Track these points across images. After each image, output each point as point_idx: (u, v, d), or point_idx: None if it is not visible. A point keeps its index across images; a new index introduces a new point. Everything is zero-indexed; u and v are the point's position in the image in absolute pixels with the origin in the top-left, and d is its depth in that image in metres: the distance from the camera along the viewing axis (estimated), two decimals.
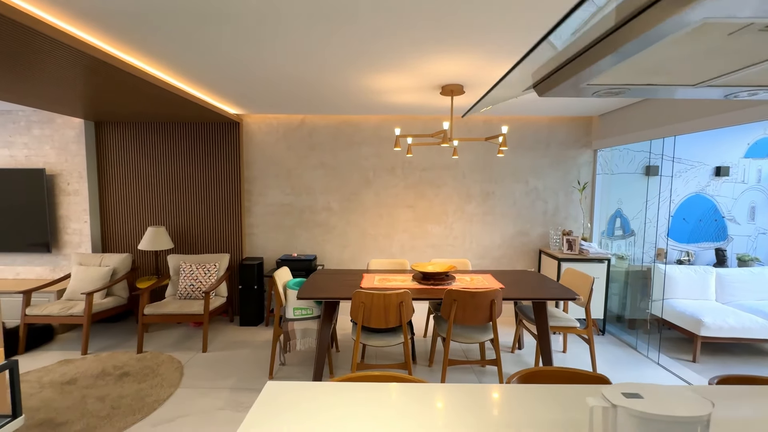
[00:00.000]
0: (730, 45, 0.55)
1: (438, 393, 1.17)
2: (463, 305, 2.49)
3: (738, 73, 0.63)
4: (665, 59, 0.60)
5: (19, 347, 3.15)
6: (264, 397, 1.14)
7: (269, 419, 1.03)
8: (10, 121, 3.83)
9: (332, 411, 1.06)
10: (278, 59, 2.29)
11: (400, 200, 4.09)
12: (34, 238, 3.82)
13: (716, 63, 0.62)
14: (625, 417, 0.65)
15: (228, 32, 1.91)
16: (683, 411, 0.66)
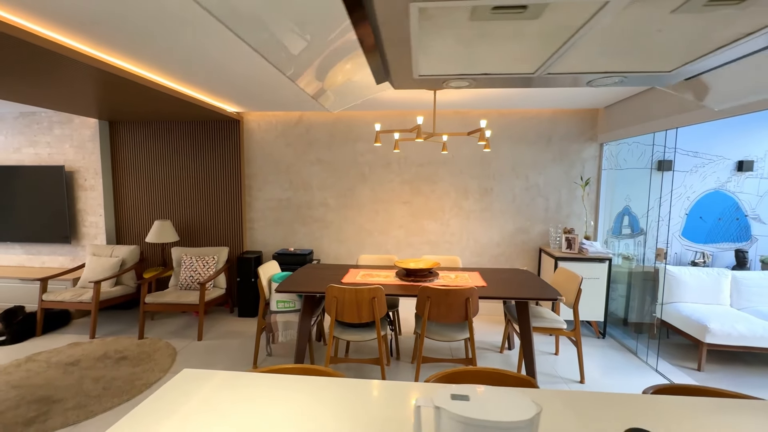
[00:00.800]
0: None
1: (335, 387, 1.17)
2: (437, 303, 2.46)
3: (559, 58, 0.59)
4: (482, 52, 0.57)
5: (36, 330, 3.44)
6: (174, 383, 1.19)
7: (167, 404, 1.07)
8: (34, 122, 4.16)
9: (233, 399, 1.09)
10: (262, 61, 2.34)
11: (396, 196, 4.07)
12: (56, 230, 4.14)
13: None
14: (447, 419, 0.63)
15: (218, 41, 1.99)
16: (501, 416, 0.63)
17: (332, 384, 1.19)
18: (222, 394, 1.13)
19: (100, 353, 3.08)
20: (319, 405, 1.08)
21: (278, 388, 1.17)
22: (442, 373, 1.27)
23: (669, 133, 3.56)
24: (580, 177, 3.86)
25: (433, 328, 2.63)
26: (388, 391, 1.15)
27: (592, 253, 3.43)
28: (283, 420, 1.00)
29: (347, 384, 1.19)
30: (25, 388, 2.57)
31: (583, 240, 3.60)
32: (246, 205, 4.22)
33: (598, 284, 3.43)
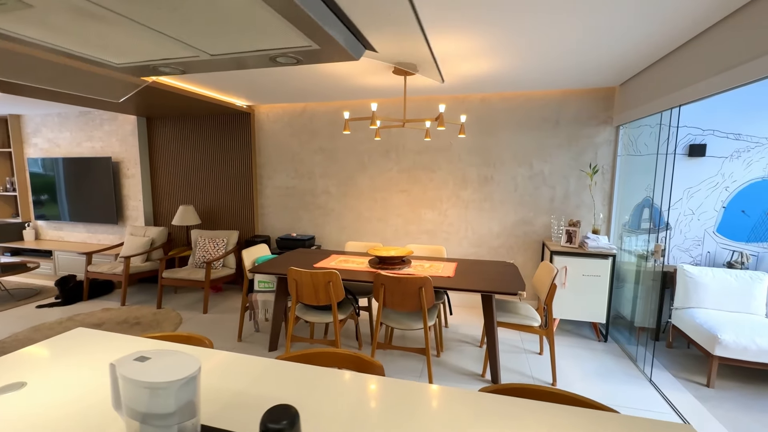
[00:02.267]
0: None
1: (202, 355, 1.27)
2: (391, 290, 2.46)
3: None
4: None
5: (83, 295, 4.10)
6: (65, 337, 1.39)
7: (50, 354, 1.27)
8: (90, 120, 4.87)
9: (104, 358, 1.26)
10: None
11: (394, 184, 4.06)
12: (107, 212, 4.84)
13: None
14: (118, 376, 0.69)
15: None
16: (154, 376, 0.67)
17: (198, 352, 1.31)
18: (86, 351, 1.31)
19: (122, 318, 3.58)
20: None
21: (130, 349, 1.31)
22: (298, 353, 1.32)
23: (701, 110, 3.09)
24: (588, 164, 3.50)
25: (392, 316, 2.64)
26: (239, 364, 1.24)
27: (592, 248, 3.12)
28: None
29: (208, 353, 1.30)
30: None
31: (589, 234, 3.28)
32: (257, 192, 4.53)
33: (600, 282, 3.12)
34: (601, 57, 2.54)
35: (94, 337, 1.42)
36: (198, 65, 0.73)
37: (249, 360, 1.26)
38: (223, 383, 1.13)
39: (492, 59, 2.59)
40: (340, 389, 1.10)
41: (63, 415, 0.95)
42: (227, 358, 1.28)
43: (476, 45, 2.31)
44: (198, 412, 0.73)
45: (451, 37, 2.17)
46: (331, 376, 1.16)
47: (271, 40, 0.59)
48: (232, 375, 1.17)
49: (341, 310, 2.75)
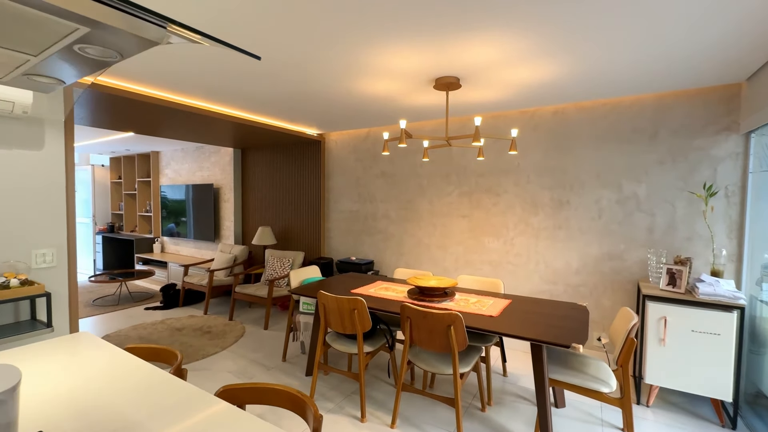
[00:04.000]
0: None
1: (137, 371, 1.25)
2: (417, 325, 2.19)
3: None
4: None
5: (179, 302, 4.73)
6: (67, 338, 1.53)
7: (46, 348, 1.41)
8: (201, 153, 5.79)
9: (88, 368, 1.34)
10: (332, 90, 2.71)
11: (454, 209, 3.76)
12: (208, 231, 5.60)
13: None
14: None
15: (298, 85, 2.48)
16: None
17: (148, 368, 1.30)
18: (77, 357, 1.40)
19: (199, 326, 3.99)
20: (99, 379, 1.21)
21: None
22: (241, 386, 1.20)
23: None
24: (703, 185, 2.68)
25: (422, 355, 2.33)
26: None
27: (705, 295, 2.32)
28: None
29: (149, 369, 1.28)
30: (144, 339, 3.60)
31: (704, 276, 2.47)
32: (324, 215, 4.70)
33: (720, 343, 2.28)
34: (720, 42, 1.94)
35: (94, 343, 1.53)
36: (48, 69, 0.72)
37: (181, 389, 1.19)
38: (123, 409, 1.07)
39: (552, 63, 2.21)
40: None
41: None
42: (163, 383, 1.23)
43: (529, 46, 2.00)
44: (13, 428, 0.66)
45: (496, 40, 1.92)
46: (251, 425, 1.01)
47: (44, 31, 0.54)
48: (145, 402, 1.11)
49: (372, 341, 2.55)
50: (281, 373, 2.96)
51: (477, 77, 2.47)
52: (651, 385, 2.51)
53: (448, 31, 1.81)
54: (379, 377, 2.89)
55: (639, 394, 2.57)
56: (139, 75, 2.52)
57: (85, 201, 7.03)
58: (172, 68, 2.38)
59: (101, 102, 2.98)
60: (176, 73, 2.46)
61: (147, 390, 1.14)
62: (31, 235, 2.30)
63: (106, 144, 5.70)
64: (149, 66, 2.35)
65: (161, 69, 2.40)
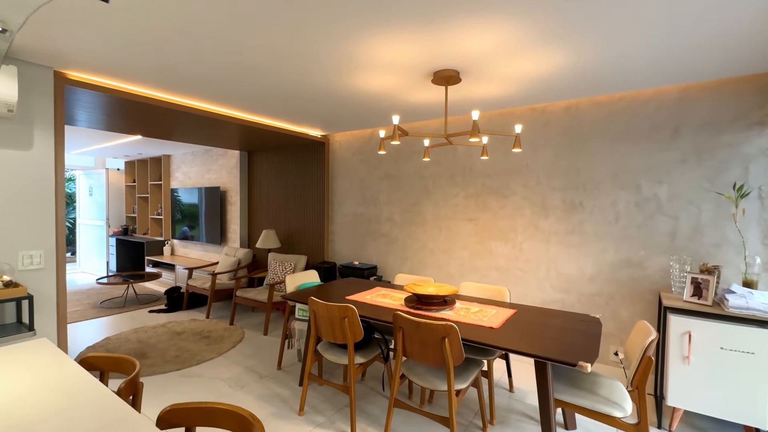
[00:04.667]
0: None
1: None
2: (410, 336, 2.03)
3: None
4: None
5: (183, 305, 4.70)
6: (24, 345, 1.44)
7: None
8: (209, 156, 5.79)
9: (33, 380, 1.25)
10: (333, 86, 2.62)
11: (460, 212, 3.58)
12: (215, 234, 5.58)
13: None
14: None
15: (298, 84, 2.40)
16: None
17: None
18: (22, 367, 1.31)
19: (198, 330, 3.93)
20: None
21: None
22: (186, 405, 1.07)
23: None
24: (733, 186, 2.42)
25: (416, 369, 2.16)
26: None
27: (737, 308, 2.06)
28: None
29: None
30: (142, 343, 3.56)
31: (735, 287, 2.21)
32: (328, 218, 4.59)
33: (754, 363, 2.02)
34: (752, 23, 1.72)
35: (48, 352, 1.44)
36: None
37: (117, 408, 1.07)
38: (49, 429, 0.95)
39: (558, 53, 2.03)
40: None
41: None
42: (100, 401, 1.11)
43: (532, 34, 1.83)
44: None
45: (494, 27, 1.76)
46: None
47: None
48: (73, 424, 0.99)
49: (365, 351, 2.40)
50: (274, 382, 2.84)
51: (478, 70, 2.30)
52: (674, 407, 2.26)
53: (441, 16, 1.66)
54: (377, 390, 2.73)
55: (660, 417, 2.32)
56: (138, 76, 2.47)
57: (100, 204, 7.17)
58: (168, 64, 2.32)
59: (107, 105, 2.96)
60: (172, 68, 2.39)
61: (76, 408, 1.03)
62: (17, 236, 2.26)
63: (119, 147, 5.78)
64: (148, 65, 2.29)
65: (158, 66, 2.34)
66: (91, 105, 3.01)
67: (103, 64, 2.30)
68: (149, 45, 2.01)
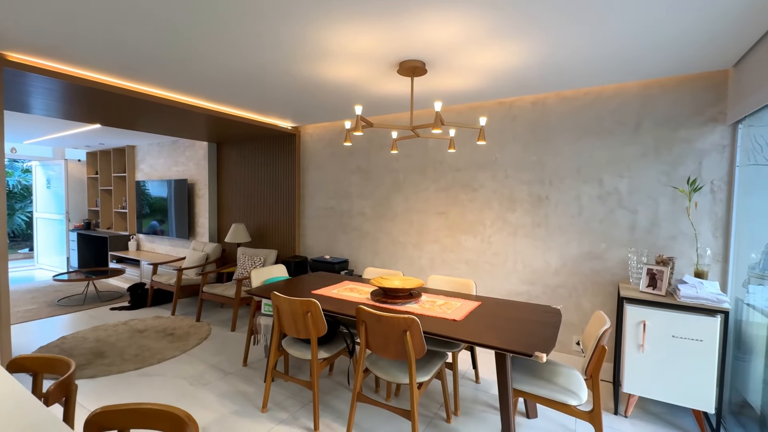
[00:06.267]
0: None
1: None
2: (372, 330, 2.00)
3: None
4: None
5: (147, 301, 4.52)
6: None
7: None
8: (177, 147, 5.57)
9: None
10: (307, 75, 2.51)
11: (431, 206, 3.58)
12: (183, 228, 5.39)
13: None
14: None
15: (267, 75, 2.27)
16: None
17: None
18: None
19: (163, 327, 3.79)
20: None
21: None
22: (115, 407, 1.01)
23: None
24: (686, 180, 2.51)
25: (380, 363, 2.14)
26: None
27: (686, 297, 2.14)
28: None
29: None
30: (101, 341, 3.40)
31: (687, 277, 2.29)
32: (300, 212, 4.50)
33: (703, 350, 2.11)
34: (705, 22, 1.76)
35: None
36: None
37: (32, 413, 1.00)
38: None
39: (523, 44, 2.03)
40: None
41: None
42: (14, 398, 1.03)
43: (496, 23, 1.81)
44: None
45: (458, 15, 1.73)
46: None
47: None
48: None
49: (330, 346, 2.37)
50: (239, 380, 2.77)
51: (443, 61, 2.28)
52: (629, 394, 2.34)
53: (404, 3, 1.62)
54: (343, 384, 2.70)
55: (617, 403, 2.39)
56: (90, 59, 2.31)
57: (59, 196, 6.79)
58: (120, 47, 2.17)
59: (61, 91, 2.77)
60: (125, 52, 2.25)
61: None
62: None
63: (79, 137, 5.47)
64: (99, 47, 2.14)
65: (110, 49, 2.19)
66: (45, 91, 2.82)
67: (49, 46, 2.14)
68: (97, 25, 1.88)
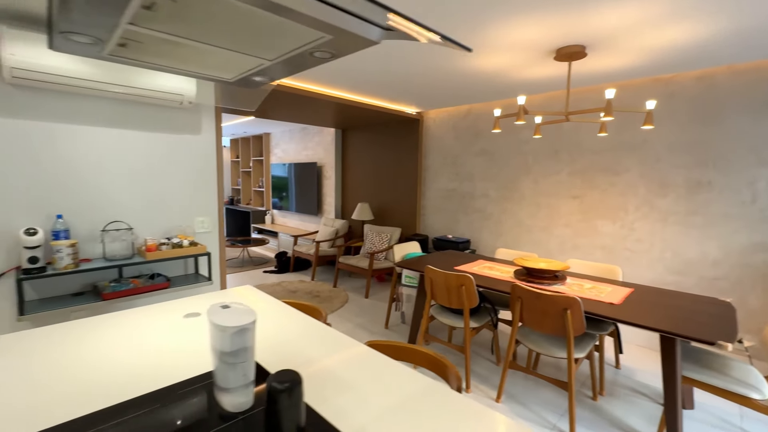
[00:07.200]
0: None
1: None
2: (529, 306, 2.17)
3: None
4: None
5: (290, 267, 5.33)
6: (236, 290, 1.86)
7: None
8: (307, 134, 6.27)
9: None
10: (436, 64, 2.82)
11: (563, 189, 3.53)
12: (312, 206, 6.14)
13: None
14: (209, 320, 0.89)
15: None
16: (225, 321, 0.81)
17: (305, 320, 1.54)
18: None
19: (308, 290, 4.48)
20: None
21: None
22: (387, 342, 1.36)
23: None
24: None
25: (531, 336, 2.31)
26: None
27: None
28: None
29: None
30: None
31: None
32: (420, 193, 4.79)
33: None
34: None
35: (252, 293, 1.85)
36: (273, 71, 0.87)
37: (338, 336, 1.38)
38: (299, 346, 1.28)
39: (709, 17, 1.91)
40: (397, 383, 1.07)
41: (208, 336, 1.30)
42: (320, 330, 1.44)
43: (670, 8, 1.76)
44: (250, 358, 0.87)
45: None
46: (400, 371, 1.15)
47: (293, 39, 0.66)
48: (314, 343, 1.32)
49: (476, 317, 2.61)
50: (384, 339, 3.20)
51: (608, 44, 2.24)
52: None
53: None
54: (479, 353, 2.95)
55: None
56: None
57: None
58: None
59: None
60: None
61: (308, 334, 1.37)
62: (193, 204, 2.80)
63: (234, 127, 6.52)
64: None
65: None
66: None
67: None
68: None
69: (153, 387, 1.01)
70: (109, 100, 2.35)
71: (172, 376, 1.06)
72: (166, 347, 1.27)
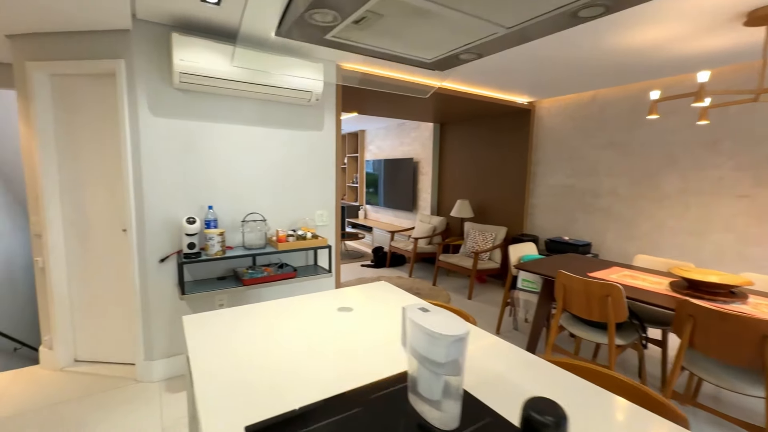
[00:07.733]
0: None
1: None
2: (705, 328, 1.79)
3: None
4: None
5: (386, 262, 5.37)
6: (370, 286, 1.82)
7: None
8: (403, 130, 6.25)
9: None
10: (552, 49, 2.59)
11: (726, 187, 2.92)
12: (406, 202, 6.11)
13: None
14: (406, 319, 0.80)
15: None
16: (436, 328, 0.72)
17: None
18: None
19: (408, 286, 4.43)
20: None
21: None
22: (567, 360, 1.18)
23: None
24: None
25: (703, 364, 1.91)
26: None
27: None
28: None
29: None
30: None
31: None
32: (529, 190, 4.42)
33: None
34: None
35: (390, 290, 1.81)
36: (493, 45, 0.75)
37: (512, 349, 1.25)
38: (483, 362, 1.16)
39: None
40: (615, 418, 0.89)
41: (373, 334, 1.27)
42: (490, 341, 1.31)
43: None
44: (462, 371, 0.78)
45: None
46: (606, 399, 0.97)
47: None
48: (492, 357, 1.19)
49: (620, 333, 2.26)
50: None
51: None
52: None
53: None
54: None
55: None
56: None
57: None
58: None
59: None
60: None
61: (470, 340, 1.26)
62: (314, 198, 2.90)
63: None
64: None
65: None
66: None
67: None
68: None
69: (341, 387, 0.98)
70: (251, 100, 2.52)
71: (360, 375, 1.03)
72: (333, 341, 1.26)
